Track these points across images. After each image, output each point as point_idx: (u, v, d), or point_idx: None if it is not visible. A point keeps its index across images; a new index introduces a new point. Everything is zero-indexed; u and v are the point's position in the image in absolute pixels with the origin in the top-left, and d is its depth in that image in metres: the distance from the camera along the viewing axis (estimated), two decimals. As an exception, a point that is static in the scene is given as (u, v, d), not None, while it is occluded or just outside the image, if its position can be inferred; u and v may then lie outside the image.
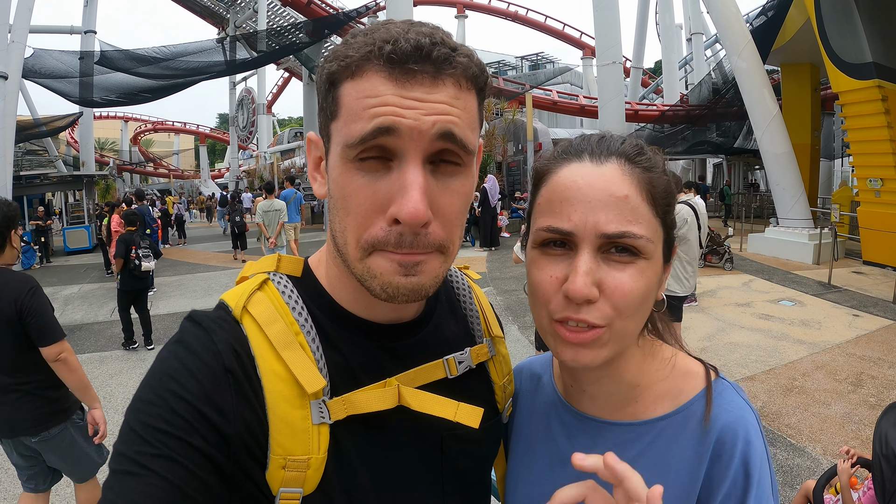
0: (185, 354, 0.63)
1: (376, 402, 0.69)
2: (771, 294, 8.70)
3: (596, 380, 0.81)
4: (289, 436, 0.63)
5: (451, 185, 0.64)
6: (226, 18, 27.44)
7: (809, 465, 3.82)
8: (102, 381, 6.01)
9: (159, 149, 54.40)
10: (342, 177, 0.64)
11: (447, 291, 0.91)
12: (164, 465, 0.56)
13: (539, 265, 0.73)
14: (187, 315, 0.70)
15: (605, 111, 15.22)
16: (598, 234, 0.68)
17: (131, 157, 45.68)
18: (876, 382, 5.11)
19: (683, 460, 0.73)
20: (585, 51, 35.00)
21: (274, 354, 0.65)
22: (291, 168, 29.16)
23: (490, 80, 0.69)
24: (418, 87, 0.60)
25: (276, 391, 0.64)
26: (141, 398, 0.61)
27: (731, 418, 0.73)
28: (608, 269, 0.69)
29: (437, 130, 0.60)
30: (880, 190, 10.20)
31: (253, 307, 0.68)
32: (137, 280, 6.92)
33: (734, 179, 24.53)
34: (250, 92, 38.33)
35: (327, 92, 0.65)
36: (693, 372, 0.81)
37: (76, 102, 20.40)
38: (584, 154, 0.73)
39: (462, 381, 0.81)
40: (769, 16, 13.24)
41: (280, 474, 0.63)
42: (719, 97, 17.28)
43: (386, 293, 0.65)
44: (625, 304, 0.68)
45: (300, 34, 19.38)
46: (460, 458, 0.79)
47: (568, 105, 23.10)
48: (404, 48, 0.59)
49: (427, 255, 0.64)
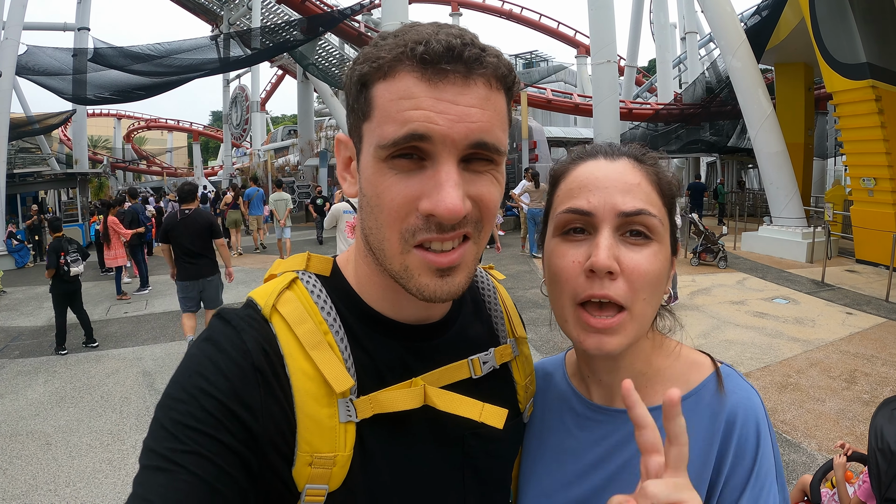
0: (214, 352, 0.64)
1: (403, 402, 0.70)
2: (765, 292, 8.76)
3: (612, 369, 0.84)
4: (316, 433, 0.64)
5: (483, 177, 0.66)
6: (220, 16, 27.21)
7: (805, 461, 3.86)
8: (99, 379, 6.00)
9: (153, 146, 53.96)
10: (375, 175, 0.65)
11: (472, 291, 0.91)
12: (193, 460, 0.57)
13: (560, 252, 0.78)
14: (216, 312, 0.71)
15: (599, 109, 15.23)
16: (616, 212, 0.75)
17: (125, 154, 45.25)
18: (869, 379, 5.16)
19: (695, 443, 0.75)
20: (580, 49, 34.96)
21: (303, 353, 0.66)
22: (286, 166, 29.08)
23: (518, 80, 0.70)
24: (450, 88, 0.61)
25: (304, 389, 0.65)
26: (171, 395, 0.62)
27: (738, 398, 0.77)
28: (625, 250, 0.75)
29: (471, 141, 0.62)
30: (873, 189, 10.27)
31: (282, 306, 0.69)
32: (69, 283, 7.00)
33: (728, 178, 24.61)
34: (244, 89, 38.05)
35: (358, 93, 0.66)
36: (699, 361, 0.85)
37: (69, 100, 20.21)
38: (598, 154, 0.82)
39: (485, 381, 0.82)
40: (763, 15, 13.29)
41: (307, 471, 0.64)
42: (713, 96, 17.32)
43: (422, 294, 0.66)
44: (641, 283, 0.74)
45: (294, 32, 19.26)
46: (482, 457, 0.80)
47: (562, 103, 23.08)
48: (436, 49, 0.60)
49: (461, 249, 0.66)
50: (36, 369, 6.44)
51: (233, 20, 26.41)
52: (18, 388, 5.86)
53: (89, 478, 4.06)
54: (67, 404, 5.38)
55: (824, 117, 18.69)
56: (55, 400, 5.50)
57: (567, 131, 25.56)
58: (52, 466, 4.22)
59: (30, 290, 11.59)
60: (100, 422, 4.96)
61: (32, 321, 8.93)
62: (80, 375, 6.14)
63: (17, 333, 8.15)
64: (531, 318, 7.01)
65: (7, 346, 7.50)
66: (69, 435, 4.72)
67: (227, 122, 38.55)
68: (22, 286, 12.13)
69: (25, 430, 4.87)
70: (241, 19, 26.57)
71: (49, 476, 4.09)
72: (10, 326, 8.64)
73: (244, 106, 37.96)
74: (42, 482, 4.01)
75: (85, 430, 4.80)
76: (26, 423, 5.02)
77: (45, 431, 4.81)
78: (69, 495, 3.84)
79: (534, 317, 7.17)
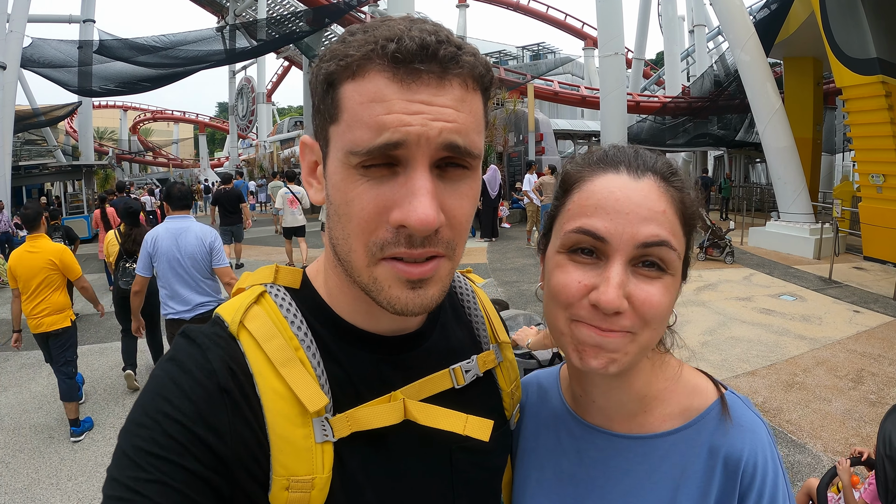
0: (178, 373, 0.61)
1: (382, 418, 0.66)
2: (772, 288, 8.70)
3: (607, 390, 0.80)
4: (291, 455, 0.61)
5: (458, 188, 0.62)
6: (225, 7, 27.25)
7: (810, 462, 3.83)
8: (103, 372, 6.02)
9: (158, 138, 54.20)
10: (344, 182, 0.60)
11: (451, 297, 0.88)
12: (157, 490, 0.54)
13: (565, 269, 0.72)
14: (181, 331, 0.68)
15: (606, 102, 15.17)
16: (635, 243, 0.67)
17: (130, 146, 45.52)
18: (876, 379, 5.11)
19: (695, 474, 0.73)
20: (587, 41, 34.88)
21: (273, 372, 0.63)
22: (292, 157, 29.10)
23: (495, 79, 0.66)
24: (424, 89, 0.57)
25: (276, 410, 0.62)
26: (133, 420, 0.59)
27: (743, 434, 0.73)
28: (637, 282, 0.68)
29: (443, 141, 0.57)
30: (882, 186, 10.16)
31: (250, 322, 0.66)
32: None
33: (735, 172, 24.47)
34: (250, 81, 38.17)
35: (325, 93, 0.61)
36: (701, 386, 0.80)
37: (75, 92, 20.30)
38: (622, 166, 0.72)
39: (469, 389, 0.79)
40: (772, 9, 13.15)
41: (284, 495, 0.61)
42: (721, 90, 17.19)
43: (393, 308, 0.62)
44: (652, 316, 0.68)
45: (300, 23, 19.25)
46: (470, 469, 0.77)
47: (569, 96, 22.95)
48: (409, 46, 0.55)
49: (435, 262, 0.62)
50: (40, 362, 6.41)
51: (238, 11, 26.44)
52: (22, 381, 5.89)
53: (91, 472, 4.06)
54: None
55: (833, 112, 18.53)
56: (59, 393, 5.49)
57: (574, 124, 25.50)
58: (54, 460, 4.23)
59: (35, 282, 11.61)
60: (103, 415, 4.98)
61: (37, 313, 8.91)
62: (84, 369, 6.14)
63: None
64: (537, 312, 6.97)
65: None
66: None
67: (233, 113, 38.71)
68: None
69: (28, 423, 4.89)
70: (247, 10, 26.60)
71: (51, 470, 4.10)
72: (15, 318, 8.64)
73: (250, 97, 38.10)
74: (44, 476, 4.02)
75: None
76: (29, 416, 5.03)
77: (48, 425, 4.83)
78: (71, 489, 3.84)
79: (538, 309, 7.13)
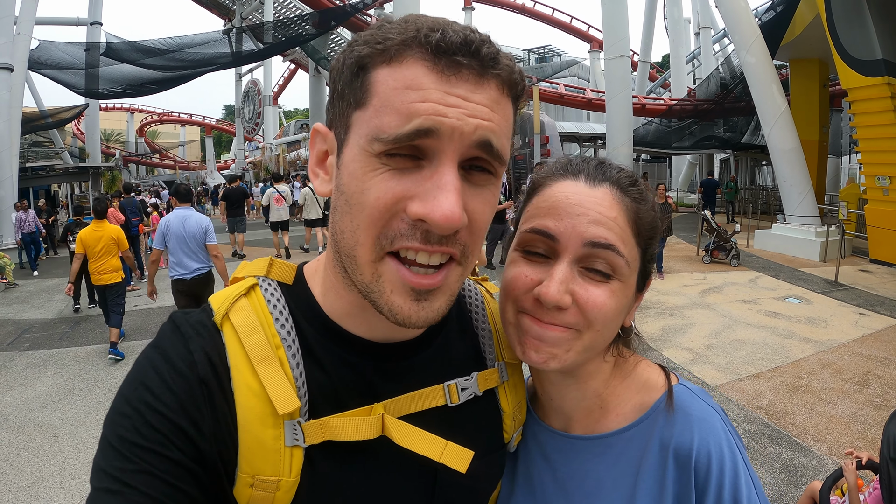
0: (160, 362, 0.61)
1: (356, 431, 0.63)
2: (777, 291, 8.66)
3: (563, 389, 0.81)
4: (258, 454, 0.60)
5: (481, 193, 0.60)
6: (232, 10, 27.35)
7: (815, 465, 3.80)
8: (107, 373, 6.03)
9: (165, 140, 54.48)
10: (362, 170, 0.57)
11: (458, 306, 0.82)
12: (144, 480, 0.55)
13: (518, 265, 0.75)
14: (169, 316, 0.67)
15: (612, 105, 15.12)
16: (582, 241, 0.69)
17: (137, 148, 45.73)
18: (882, 382, 5.08)
19: (650, 469, 0.73)
20: (593, 44, 34.84)
21: (250, 368, 0.61)
22: (298, 159, 29.16)
23: (527, 90, 0.64)
24: (463, 84, 0.55)
25: (248, 406, 0.60)
26: (117, 409, 0.59)
27: (692, 423, 0.72)
28: (582, 283, 0.70)
29: (478, 137, 0.55)
30: (888, 188, 10.12)
31: (235, 314, 0.64)
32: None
33: (741, 175, 24.39)
34: (256, 83, 38.26)
35: (353, 77, 0.58)
36: (652, 380, 0.80)
37: (82, 94, 20.43)
38: (581, 175, 0.75)
39: (465, 407, 0.74)
40: (778, 11, 13.15)
41: (247, 492, 0.60)
42: (727, 92, 17.17)
43: (395, 318, 0.59)
44: (595, 316, 0.70)
45: (306, 26, 19.32)
46: (454, 490, 0.73)
47: (575, 98, 22.93)
48: (453, 39, 0.54)
49: (445, 271, 0.59)
50: (45, 362, 6.49)
51: (245, 14, 26.54)
52: (27, 381, 5.91)
53: (95, 471, 4.07)
54: (75, 397, 5.41)
55: (839, 114, 18.47)
56: (63, 392, 5.53)
57: (580, 126, 25.46)
58: (58, 459, 4.25)
59: (41, 283, 11.69)
60: (103, 415, 4.98)
61: (43, 314, 9.00)
62: (89, 368, 6.18)
63: (27, 326, 8.21)
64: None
65: (17, 338, 7.56)
66: (76, 427, 4.75)
67: (240, 115, 38.80)
68: (33, 279, 12.25)
69: (33, 422, 4.91)
70: (254, 13, 26.70)
71: (55, 468, 4.11)
72: (20, 319, 8.71)
73: (256, 100, 38.18)
74: (48, 474, 4.03)
75: (92, 422, 4.82)
76: (34, 415, 5.05)
77: (52, 424, 4.85)
78: (74, 487, 3.86)
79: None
